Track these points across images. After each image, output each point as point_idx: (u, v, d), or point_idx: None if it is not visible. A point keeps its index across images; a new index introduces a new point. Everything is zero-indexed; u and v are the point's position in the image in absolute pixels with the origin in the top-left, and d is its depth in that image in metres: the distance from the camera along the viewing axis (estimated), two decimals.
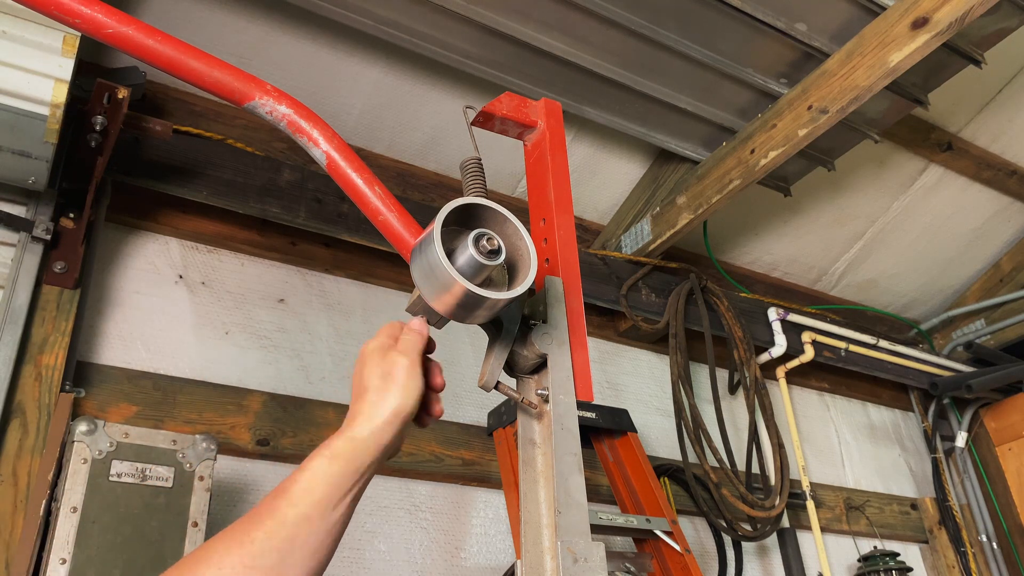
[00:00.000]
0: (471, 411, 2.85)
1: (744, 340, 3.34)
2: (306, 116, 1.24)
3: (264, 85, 1.23)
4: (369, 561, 2.45)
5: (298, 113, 1.23)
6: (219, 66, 1.21)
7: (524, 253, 1.13)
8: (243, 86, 1.21)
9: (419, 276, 1.09)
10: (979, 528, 4.04)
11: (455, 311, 1.09)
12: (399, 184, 3.02)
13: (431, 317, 1.14)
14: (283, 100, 1.23)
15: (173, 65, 1.18)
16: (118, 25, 1.14)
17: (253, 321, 2.59)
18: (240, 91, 1.21)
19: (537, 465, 1.19)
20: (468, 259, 1.06)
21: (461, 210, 1.11)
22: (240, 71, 1.23)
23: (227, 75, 1.21)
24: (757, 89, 2.85)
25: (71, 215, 2.21)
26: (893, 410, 4.28)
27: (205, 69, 1.19)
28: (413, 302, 1.15)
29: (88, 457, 1.78)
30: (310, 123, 1.24)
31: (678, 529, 2.62)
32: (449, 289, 1.05)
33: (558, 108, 1.49)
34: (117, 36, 1.15)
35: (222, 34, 2.55)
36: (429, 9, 2.42)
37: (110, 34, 1.14)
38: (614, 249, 3.35)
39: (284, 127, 1.23)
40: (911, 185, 3.74)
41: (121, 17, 1.15)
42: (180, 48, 1.19)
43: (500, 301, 1.07)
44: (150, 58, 1.17)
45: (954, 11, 2.30)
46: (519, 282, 1.11)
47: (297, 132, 1.23)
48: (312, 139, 1.23)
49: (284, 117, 1.23)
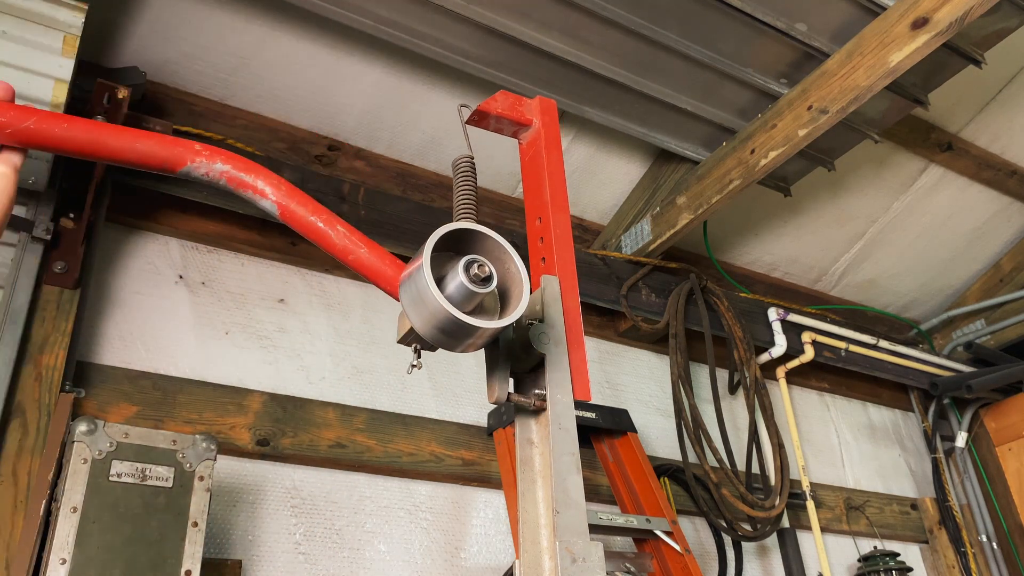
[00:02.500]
0: (471, 411, 2.85)
1: (744, 340, 3.34)
2: (246, 168, 1.15)
3: (192, 146, 1.14)
4: (369, 561, 2.45)
5: (236, 167, 1.15)
6: (142, 137, 1.11)
7: (515, 275, 1.10)
8: (171, 152, 1.12)
9: (409, 305, 1.06)
10: (979, 528, 4.04)
11: (445, 340, 1.06)
12: (399, 184, 3.02)
13: (424, 345, 1.11)
14: (217, 157, 1.14)
15: (89, 149, 1.07)
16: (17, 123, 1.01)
17: (253, 321, 2.59)
18: (169, 159, 1.12)
19: (535, 465, 1.19)
20: (458, 287, 1.03)
21: (451, 233, 1.08)
22: (166, 138, 1.13)
23: (153, 145, 1.11)
24: (757, 89, 2.85)
25: (71, 215, 2.21)
26: (893, 410, 4.28)
27: (127, 144, 1.09)
28: (404, 334, 1.12)
29: (88, 457, 1.78)
30: (252, 175, 1.15)
31: (678, 529, 2.62)
32: (438, 318, 1.02)
33: (553, 106, 1.49)
34: (19, 134, 1.01)
35: (222, 34, 2.55)
36: (429, 9, 2.42)
37: (9, 134, 1.01)
38: (614, 249, 3.35)
39: (224, 185, 1.15)
40: (911, 185, 3.74)
41: (18, 112, 1.02)
42: (93, 129, 1.08)
43: (492, 330, 1.05)
44: (61, 147, 1.06)
45: (954, 11, 2.30)
46: (512, 307, 1.08)
47: (240, 187, 1.15)
48: (258, 191, 1.15)
49: (223, 175, 1.14)
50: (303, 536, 2.39)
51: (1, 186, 1.02)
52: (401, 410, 2.71)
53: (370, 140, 2.97)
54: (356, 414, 2.59)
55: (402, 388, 2.76)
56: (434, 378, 2.85)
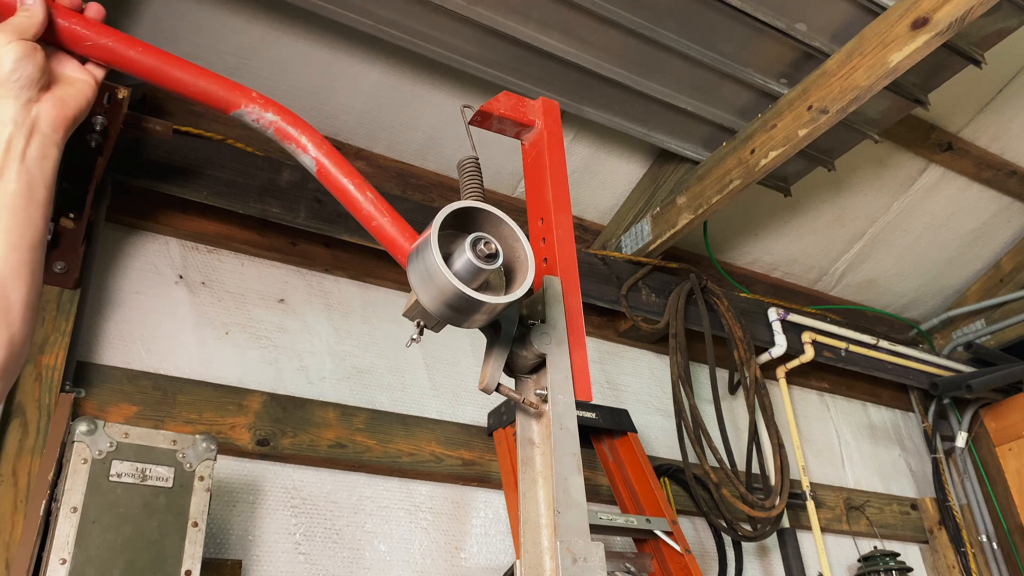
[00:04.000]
0: (471, 411, 2.85)
1: (744, 340, 3.34)
2: (293, 122, 1.22)
3: (249, 93, 1.21)
4: (369, 561, 2.45)
5: (285, 120, 1.21)
6: (204, 75, 1.19)
7: (522, 256, 1.12)
8: (228, 94, 1.20)
9: (416, 280, 1.08)
10: (979, 528, 4.04)
11: (452, 315, 1.08)
12: (399, 184, 3.02)
13: (428, 321, 1.14)
14: (270, 107, 1.21)
15: (156, 75, 1.17)
16: (97, 37, 1.12)
17: (253, 321, 2.59)
18: (226, 99, 1.20)
19: (536, 465, 1.19)
20: (465, 263, 1.05)
21: (458, 213, 1.10)
22: (225, 79, 1.21)
23: (212, 84, 1.19)
24: (757, 89, 2.85)
25: (71, 215, 2.21)
26: (893, 410, 4.28)
27: (190, 78, 1.18)
28: (410, 307, 1.14)
29: (88, 457, 1.78)
30: (298, 129, 1.21)
31: (678, 529, 2.62)
32: (446, 293, 1.05)
33: (556, 107, 1.49)
34: (97, 48, 1.12)
35: (222, 34, 2.55)
36: (429, 9, 2.42)
37: (89, 47, 1.11)
38: (614, 249, 3.35)
39: (272, 134, 1.22)
40: (911, 185, 3.74)
41: (100, 29, 1.12)
42: (163, 58, 1.17)
43: (497, 306, 1.07)
44: (133, 69, 1.15)
45: (954, 11, 2.30)
46: (517, 286, 1.10)
47: (285, 139, 1.22)
48: (301, 145, 1.21)
49: (271, 124, 1.21)
50: (303, 536, 2.39)
51: (80, 88, 1.11)
52: (401, 410, 2.71)
53: (370, 140, 2.97)
54: (356, 414, 2.59)
55: (402, 388, 2.77)
56: (434, 378, 2.85)
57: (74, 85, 1.10)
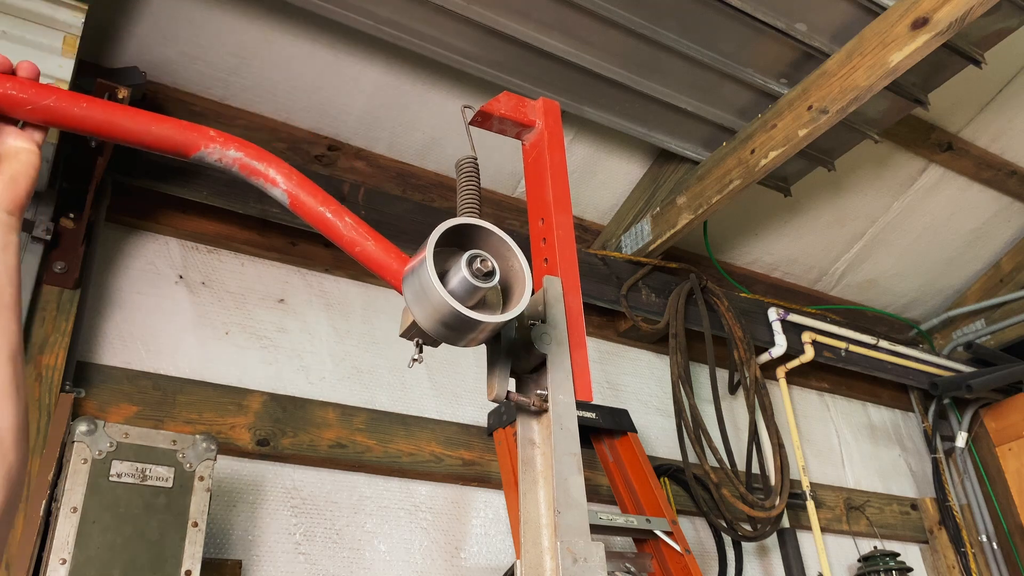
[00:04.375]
0: (471, 411, 2.85)
1: (744, 340, 3.34)
2: (258, 156, 1.16)
3: (207, 132, 1.15)
4: (369, 561, 2.45)
5: (249, 155, 1.16)
6: (156, 121, 1.12)
7: (517, 270, 1.11)
8: (185, 137, 1.13)
9: (411, 299, 1.07)
10: (979, 528, 4.04)
11: (449, 334, 1.07)
12: (399, 184, 3.02)
13: (425, 340, 1.12)
14: (231, 144, 1.15)
15: (105, 130, 1.09)
16: (37, 99, 1.03)
17: (253, 321, 2.59)
18: (183, 143, 1.13)
19: (537, 465, 1.19)
20: (461, 281, 1.03)
21: (455, 229, 1.08)
22: (180, 122, 1.15)
23: (167, 129, 1.13)
24: (757, 89, 2.85)
25: (71, 215, 2.21)
26: (893, 410, 4.28)
27: (142, 127, 1.11)
28: (407, 327, 1.12)
29: (88, 457, 1.78)
30: (264, 163, 1.16)
31: (678, 529, 2.62)
32: (442, 312, 1.03)
33: (556, 107, 1.49)
34: (39, 111, 1.04)
35: (222, 34, 2.55)
36: (429, 9, 2.42)
37: (30, 111, 1.03)
38: (614, 249, 3.35)
39: (237, 172, 1.16)
40: (911, 185, 3.74)
41: (38, 89, 1.04)
42: (111, 111, 1.10)
43: (496, 324, 1.05)
44: (79, 126, 1.08)
45: (954, 11, 2.30)
46: (514, 302, 1.09)
47: (252, 175, 1.16)
48: (269, 179, 1.16)
49: (235, 162, 1.15)
50: (303, 536, 2.39)
51: (26, 160, 1.03)
52: (401, 410, 2.70)
53: (370, 140, 2.97)
54: (356, 414, 2.59)
55: (402, 388, 2.76)
56: (434, 378, 2.85)
57: (18, 158, 1.03)
